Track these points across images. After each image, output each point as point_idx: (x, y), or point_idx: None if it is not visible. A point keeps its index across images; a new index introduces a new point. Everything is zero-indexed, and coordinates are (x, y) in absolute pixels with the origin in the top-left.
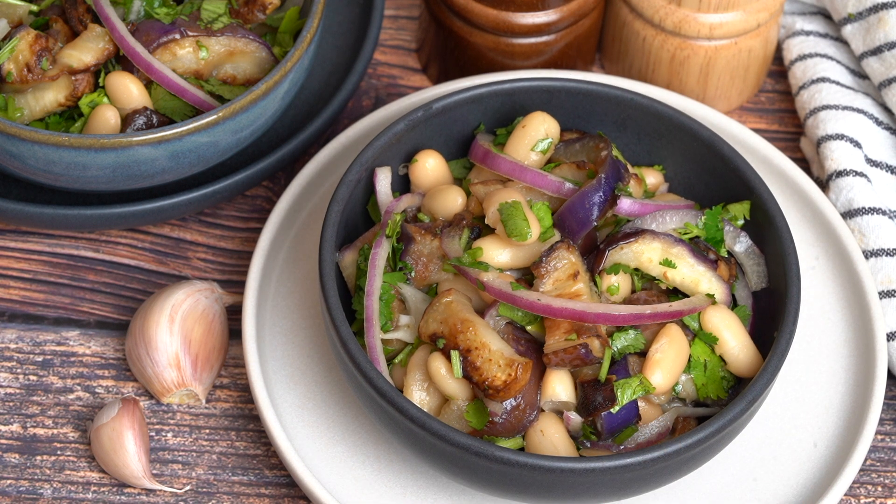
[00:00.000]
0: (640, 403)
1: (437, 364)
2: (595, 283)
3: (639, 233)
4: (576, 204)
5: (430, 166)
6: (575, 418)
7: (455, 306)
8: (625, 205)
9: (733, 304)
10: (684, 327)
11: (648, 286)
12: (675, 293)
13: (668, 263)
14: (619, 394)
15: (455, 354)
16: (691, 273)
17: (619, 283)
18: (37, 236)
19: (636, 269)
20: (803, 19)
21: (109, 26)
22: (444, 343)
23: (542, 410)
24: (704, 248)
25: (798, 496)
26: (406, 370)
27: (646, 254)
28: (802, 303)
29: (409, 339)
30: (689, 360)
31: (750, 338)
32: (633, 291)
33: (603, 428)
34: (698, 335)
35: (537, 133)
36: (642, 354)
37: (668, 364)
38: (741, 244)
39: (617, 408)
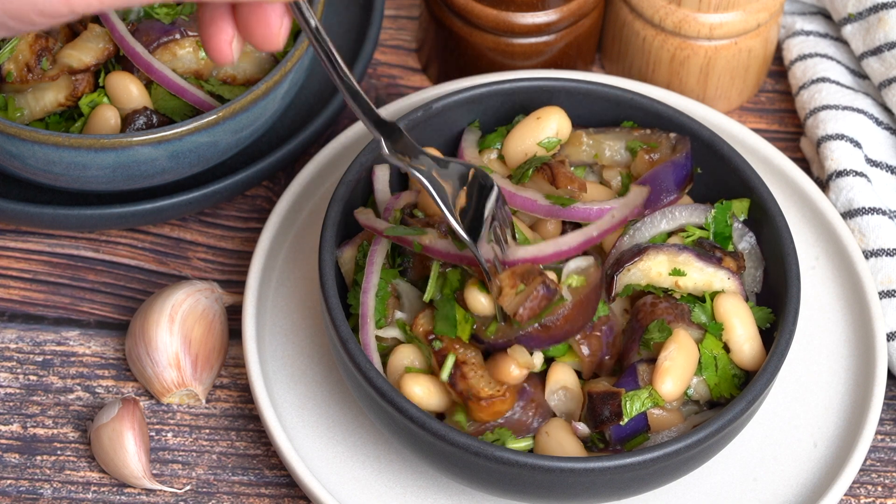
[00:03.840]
0: (654, 410)
1: (475, 291)
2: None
3: (642, 251)
4: (660, 172)
5: None
6: (583, 428)
7: None
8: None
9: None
10: (693, 324)
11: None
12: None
13: (677, 273)
14: (626, 406)
15: (451, 357)
16: (702, 276)
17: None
18: (37, 236)
19: (649, 286)
20: (803, 19)
21: (109, 26)
22: (440, 345)
23: (554, 415)
24: (710, 248)
25: (798, 496)
26: (388, 369)
27: (654, 269)
28: (802, 303)
29: (402, 338)
30: (699, 361)
31: (758, 331)
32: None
33: (611, 438)
34: (708, 328)
35: (548, 129)
36: (651, 361)
37: (677, 371)
38: (746, 244)
39: (626, 420)
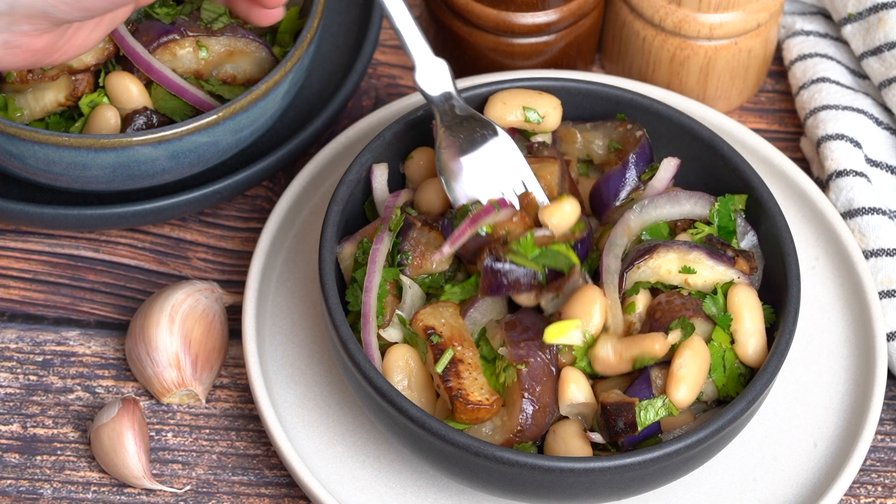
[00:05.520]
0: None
1: (561, 204)
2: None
3: (652, 248)
4: (601, 183)
5: (423, 162)
6: (597, 438)
7: (462, 321)
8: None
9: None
10: (704, 317)
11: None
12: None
13: (687, 270)
14: (640, 416)
15: (448, 352)
16: (712, 275)
17: (635, 300)
18: (37, 236)
19: (658, 283)
20: (803, 19)
21: None
22: (438, 339)
23: (566, 417)
24: (721, 246)
25: (798, 496)
26: (385, 366)
27: (664, 267)
28: (802, 303)
29: (401, 338)
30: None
31: (765, 328)
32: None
33: (624, 444)
34: (717, 320)
35: (540, 106)
36: (664, 364)
37: (692, 378)
38: (748, 242)
39: (640, 430)
